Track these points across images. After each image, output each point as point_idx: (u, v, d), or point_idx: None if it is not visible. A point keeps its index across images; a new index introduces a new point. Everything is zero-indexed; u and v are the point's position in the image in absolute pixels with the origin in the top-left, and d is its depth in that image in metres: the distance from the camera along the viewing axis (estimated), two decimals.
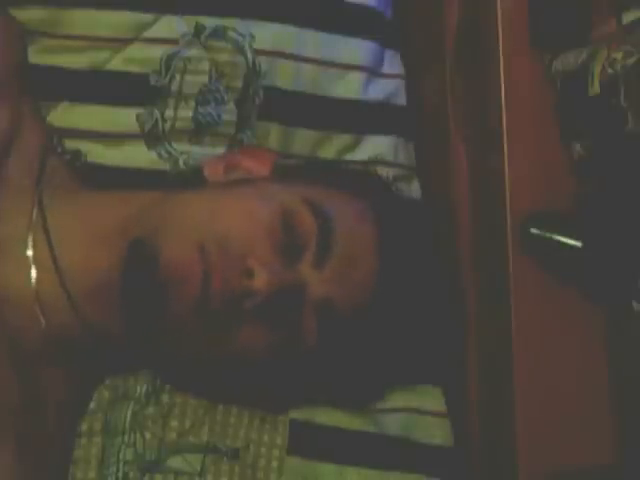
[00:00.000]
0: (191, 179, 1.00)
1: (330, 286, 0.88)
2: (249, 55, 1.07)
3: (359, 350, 0.94)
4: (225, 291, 0.84)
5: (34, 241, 0.91)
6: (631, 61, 0.91)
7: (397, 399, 1.04)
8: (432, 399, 1.06)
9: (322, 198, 0.91)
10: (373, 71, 1.12)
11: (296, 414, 1.01)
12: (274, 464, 0.99)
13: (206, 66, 1.06)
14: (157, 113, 1.05)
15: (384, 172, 1.09)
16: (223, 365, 0.89)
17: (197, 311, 0.84)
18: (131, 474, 0.97)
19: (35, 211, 0.92)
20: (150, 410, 0.99)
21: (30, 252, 0.90)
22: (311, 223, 0.88)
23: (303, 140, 1.09)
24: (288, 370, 0.91)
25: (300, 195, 0.90)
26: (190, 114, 1.06)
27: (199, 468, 0.97)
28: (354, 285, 0.89)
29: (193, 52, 1.06)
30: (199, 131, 1.06)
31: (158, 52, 1.05)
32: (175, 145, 1.06)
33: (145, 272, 0.84)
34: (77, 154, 1.03)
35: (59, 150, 1.01)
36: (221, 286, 0.84)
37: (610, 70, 0.93)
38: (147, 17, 1.05)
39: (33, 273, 0.90)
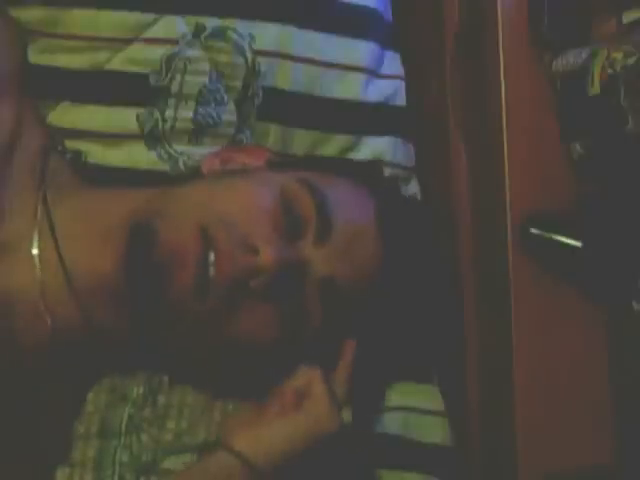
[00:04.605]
0: (189, 176, 1.00)
1: (332, 264, 0.89)
2: (249, 56, 1.07)
3: (361, 332, 0.94)
4: (231, 270, 0.84)
5: (39, 239, 0.91)
6: (631, 61, 0.91)
7: (396, 398, 1.04)
8: (431, 398, 1.06)
9: (318, 180, 0.92)
10: (373, 72, 1.12)
11: None
12: None
13: (206, 66, 1.06)
14: (157, 113, 1.05)
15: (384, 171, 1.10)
16: (226, 351, 0.90)
17: (198, 293, 0.84)
18: (127, 476, 0.97)
19: (40, 209, 0.92)
20: (147, 412, 0.99)
21: (35, 250, 0.91)
22: (309, 203, 0.89)
23: (302, 140, 1.09)
24: (291, 353, 0.92)
25: (296, 177, 0.91)
26: (190, 114, 1.06)
27: None
28: (356, 263, 0.90)
29: (193, 52, 1.06)
30: (199, 131, 1.06)
31: (158, 52, 1.05)
32: (175, 146, 1.06)
33: (144, 254, 0.85)
34: (77, 154, 1.03)
35: (60, 149, 1.01)
36: (228, 266, 0.84)
37: (610, 70, 0.93)
38: (147, 17, 1.05)
39: (38, 271, 0.90)
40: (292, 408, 0.91)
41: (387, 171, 1.10)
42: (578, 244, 0.97)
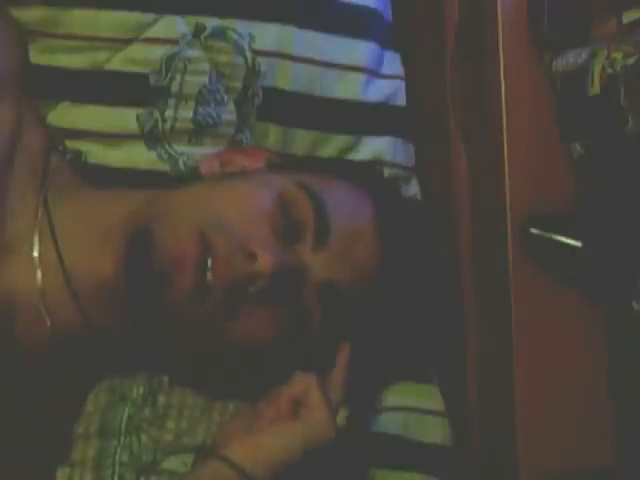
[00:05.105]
0: (188, 177, 1.00)
1: (331, 268, 0.89)
2: (249, 55, 1.07)
3: (361, 333, 0.94)
4: (229, 276, 0.84)
5: (40, 241, 0.91)
6: (631, 61, 0.91)
7: (396, 398, 1.04)
8: (431, 398, 1.06)
9: (316, 183, 0.92)
10: (373, 72, 1.12)
11: None
12: None
13: (206, 67, 1.06)
14: (157, 113, 1.05)
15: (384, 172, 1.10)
16: (225, 353, 0.90)
17: (196, 298, 0.84)
18: (127, 476, 0.97)
19: (40, 210, 0.92)
20: (146, 412, 0.99)
21: (36, 252, 0.91)
22: (308, 207, 0.89)
23: (302, 141, 1.09)
24: (291, 356, 0.92)
25: (295, 180, 0.91)
26: (190, 115, 1.06)
27: None
28: (355, 265, 0.90)
29: (193, 52, 1.06)
30: (199, 132, 1.06)
31: (158, 52, 1.05)
32: (175, 146, 1.06)
33: (144, 259, 0.85)
34: (77, 154, 1.03)
35: (61, 149, 1.01)
36: (225, 271, 0.84)
37: (610, 70, 0.93)
38: (147, 17, 1.05)
39: (39, 273, 0.90)
40: (289, 416, 0.90)
41: (387, 171, 1.10)
42: (578, 244, 0.97)
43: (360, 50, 1.11)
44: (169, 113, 1.05)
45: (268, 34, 1.08)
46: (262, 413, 0.91)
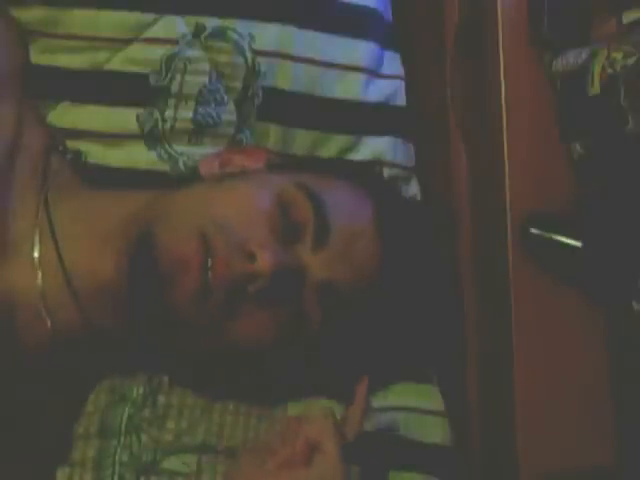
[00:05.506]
0: (188, 178, 1.00)
1: (330, 268, 0.89)
2: (249, 55, 1.07)
3: (361, 333, 0.94)
4: (228, 276, 0.85)
5: (40, 241, 0.91)
6: (631, 61, 0.91)
7: (396, 398, 1.04)
8: (431, 398, 1.06)
9: (316, 183, 0.92)
10: (373, 72, 1.12)
11: (294, 411, 1.01)
12: None
13: (206, 67, 1.06)
14: (157, 113, 1.05)
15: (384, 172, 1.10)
16: (225, 354, 0.90)
17: (199, 298, 0.85)
18: (127, 476, 0.97)
19: (40, 211, 0.92)
20: (146, 412, 0.99)
21: (36, 252, 0.91)
22: (307, 207, 0.89)
23: (302, 141, 1.09)
24: (291, 356, 0.92)
25: (294, 180, 0.91)
26: (190, 115, 1.06)
27: (195, 468, 0.97)
28: (355, 265, 0.90)
29: (193, 52, 1.06)
30: (199, 132, 1.06)
31: (158, 52, 1.05)
32: (175, 146, 1.06)
33: (147, 262, 0.85)
34: (77, 154, 1.03)
35: (61, 149, 1.01)
36: (224, 271, 0.85)
37: (610, 70, 0.93)
38: (147, 17, 1.05)
39: (39, 273, 0.90)
40: (303, 461, 0.86)
41: (387, 171, 1.10)
42: (578, 244, 0.97)
43: (360, 50, 1.11)
44: (169, 113, 1.05)
45: (268, 34, 1.08)
46: (276, 451, 0.88)
